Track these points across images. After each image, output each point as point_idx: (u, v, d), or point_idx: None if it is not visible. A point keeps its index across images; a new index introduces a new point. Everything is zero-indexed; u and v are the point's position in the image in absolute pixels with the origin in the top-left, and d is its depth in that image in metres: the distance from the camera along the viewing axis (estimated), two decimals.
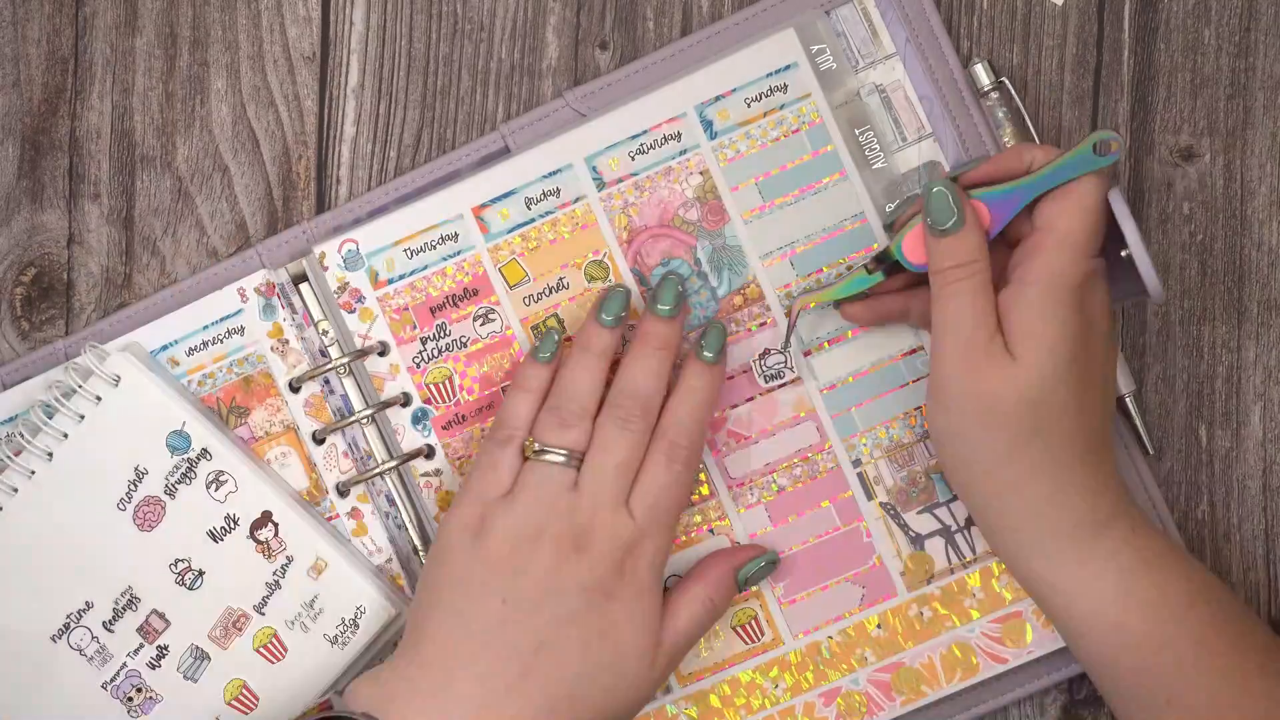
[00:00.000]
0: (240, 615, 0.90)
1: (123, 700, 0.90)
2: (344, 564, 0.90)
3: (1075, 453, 0.81)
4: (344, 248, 0.91)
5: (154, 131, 0.94)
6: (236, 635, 0.90)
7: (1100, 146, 0.81)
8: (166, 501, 0.90)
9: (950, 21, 0.91)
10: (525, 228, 0.90)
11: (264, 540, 0.90)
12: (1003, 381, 0.80)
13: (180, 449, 0.90)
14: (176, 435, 0.90)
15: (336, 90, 0.94)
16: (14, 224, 0.94)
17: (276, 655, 0.90)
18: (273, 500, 0.90)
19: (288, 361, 0.91)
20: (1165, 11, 0.91)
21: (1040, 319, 0.80)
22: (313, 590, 0.90)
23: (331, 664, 0.90)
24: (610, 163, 0.90)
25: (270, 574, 0.90)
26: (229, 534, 0.90)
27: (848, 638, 0.90)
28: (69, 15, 0.94)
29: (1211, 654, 0.80)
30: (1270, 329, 0.91)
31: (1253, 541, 0.91)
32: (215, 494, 0.90)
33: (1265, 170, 0.91)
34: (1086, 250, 0.81)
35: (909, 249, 0.84)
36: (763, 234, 0.90)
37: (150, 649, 0.90)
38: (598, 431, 0.85)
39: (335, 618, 0.90)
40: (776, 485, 0.90)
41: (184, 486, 0.90)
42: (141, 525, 0.90)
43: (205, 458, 0.90)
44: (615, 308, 0.87)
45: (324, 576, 0.90)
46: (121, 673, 0.90)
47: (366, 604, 0.89)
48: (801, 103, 0.89)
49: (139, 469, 0.90)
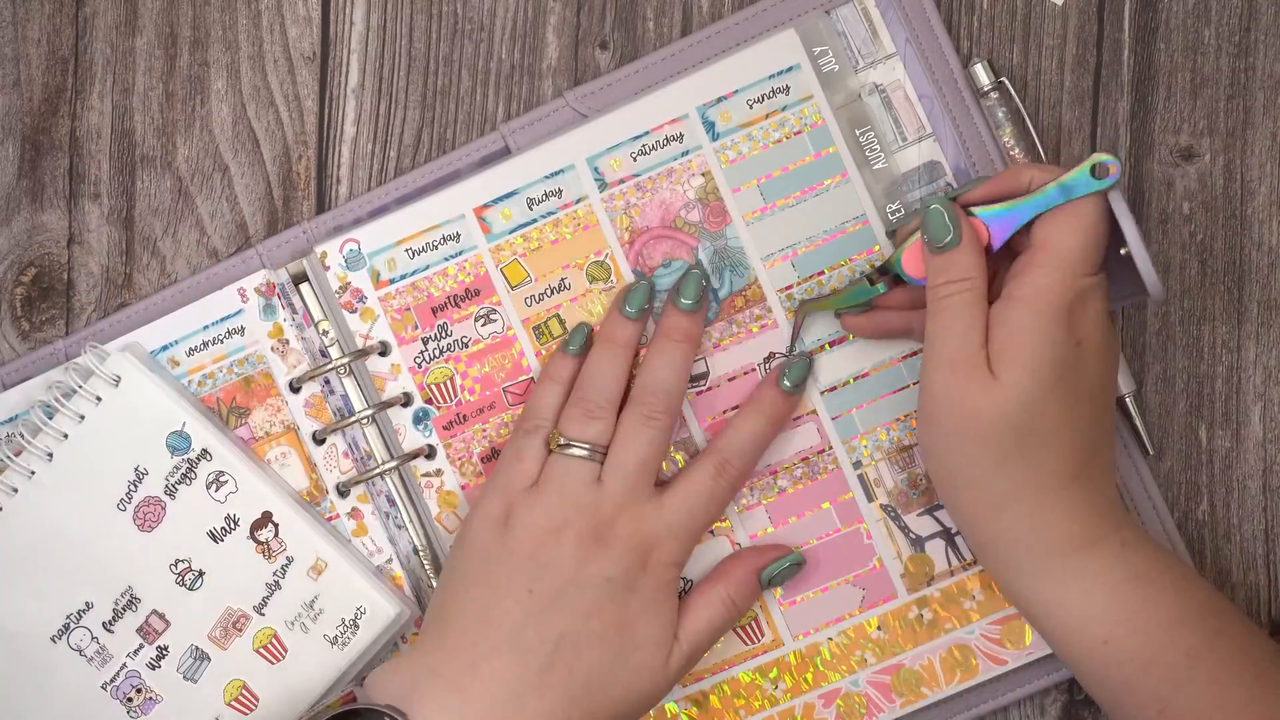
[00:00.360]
0: (240, 616, 0.90)
1: (123, 701, 0.90)
2: (344, 564, 0.90)
3: (1065, 472, 0.80)
4: (346, 247, 0.91)
5: (154, 131, 0.94)
6: (236, 636, 0.90)
7: (1098, 169, 0.81)
8: (167, 502, 0.90)
9: (950, 21, 0.91)
10: (527, 228, 0.90)
11: (264, 541, 0.90)
12: (984, 399, 0.79)
13: (180, 449, 0.90)
14: (177, 436, 0.90)
15: (336, 90, 0.94)
16: (14, 224, 0.94)
17: (276, 656, 0.90)
18: (273, 501, 0.90)
19: (288, 362, 0.91)
20: (1165, 11, 0.91)
21: (1022, 338, 0.79)
22: (313, 591, 0.90)
23: (331, 665, 0.90)
24: (612, 163, 0.90)
25: (270, 574, 0.90)
26: (229, 534, 0.90)
27: (848, 639, 0.90)
28: (69, 15, 0.94)
29: (1203, 666, 0.80)
30: (1270, 329, 0.91)
31: (1253, 541, 0.91)
32: (215, 494, 0.90)
33: (1265, 170, 0.91)
34: (1079, 269, 0.80)
35: (908, 263, 0.84)
36: (764, 235, 0.90)
37: (150, 649, 0.90)
38: (620, 426, 0.86)
39: (335, 618, 0.90)
40: (777, 487, 0.90)
41: (184, 487, 0.90)
42: (142, 525, 0.90)
43: (205, 458, 0.90)
44: (639, 300, 0.88)
45: (324, 577, 0.90)
46: (121, 673, 0.90)
47: (366, 605, 0.89)
48: (804, 104, 0.89)
49: (139, 469, 0.90)
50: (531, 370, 0.91)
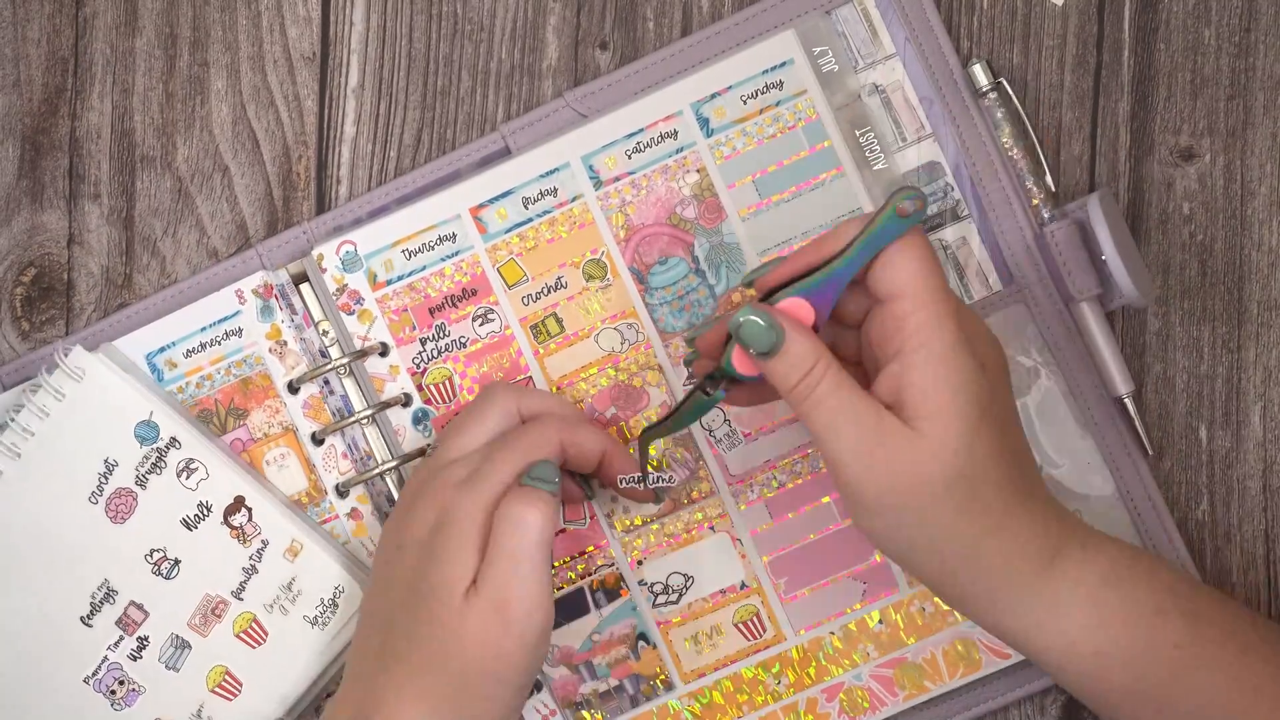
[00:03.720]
0: (219, 602, 0.90)
1: (105, 694, 0.90)
2: (317, 547, 0.90)
3: (1015, 499, 0.78)
4: (342, 249, 0.91)
5: (154, 131, 0.94)
6: (216, 622, 0.90)
7: (901, 210, 0.77)
8: (138, 492, 0.90)
9: (950, 21, 0.91)
10: (523, 227, 0.90)
11: (238, 525, 0.90)
12: (915, 461, 0.76)
13: (149, 439, 0.90)
14: (144, 425, 0.90)
15: (336, 90, 0.94)
16: (14, 224, 0.94)
17: (257, 639, 0.90)
18: (244, 485, 0.90)
19: (286, 363, 0.91)
20: (1165, 11, 0.91)
21: (939, 385, 0.76)
22: (290, 572, 0.90)
23: (313, 645, 0.90)
24: (607, 161, 0.90)
25: (246, 559, 0.90)
26: (203, 521, 0.90)
27: (849, 633, 0.90)
28: (69, 15, 0.94)
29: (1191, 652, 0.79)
30: (1270, 329, 0.90)
31: (1253, 541, 0.90)
32: (186, 482, 0.90)
33: (1265, 170, 0.91)
34: (949, 298, 0.77)
35: (740, 364, 0.79)
36: (761, 231, 0.90)
37: (130, 641, 0.90)
38: None
39: (314, 598, 0.90)
40: (777, 482, 0.90)
41: (155, 476, 0.90)
42: (114, 517, 0.90)
43: (174, 446, 0.90)
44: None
45: (300, 558, 0.90)
46: (103, 666, 0.90)
47: (344, 584, 0.89)
48: (798, 99, 0.89)
49: (108, 461, 0.90)
50: (530, 369, 0.90)
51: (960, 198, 0.90)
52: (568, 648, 0.91)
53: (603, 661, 0.91)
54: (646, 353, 0.90)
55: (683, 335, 0.89)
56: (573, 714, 0.91)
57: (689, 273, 0.90)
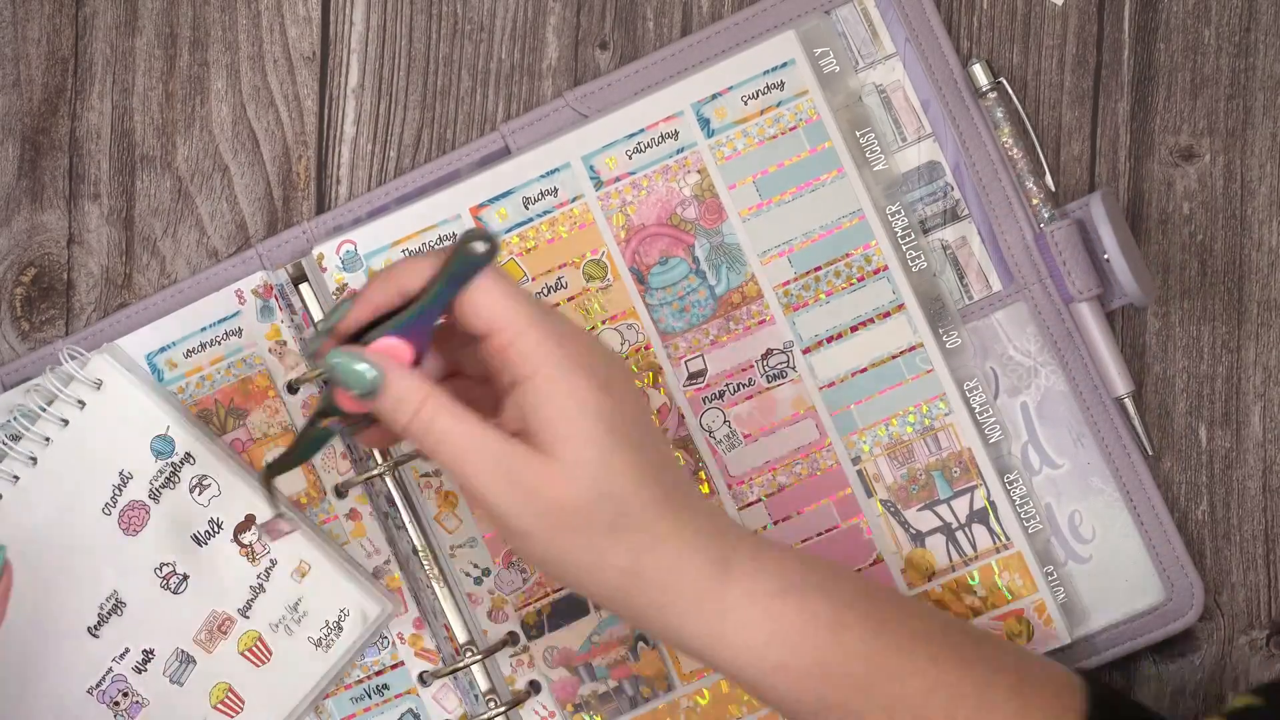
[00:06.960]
0: (225, 619, 0.90)
1: (109, 705, 0.90)
2: (327, 565, 0.89)
3: (669, 512, 0.77)
4: (342, 249, 0.91)
5: (154, 131, 0.94)
6: (221, 639, 0.90)
7: (469, 250, 0.75)
8: (151, 506, 0.90)
9: (950, 21, 0.91)
10: (523, 227, 0.90)
11: (247, 543, 0.90)
12: (553, 486, 0.75)
13: (164, 453, 0.90)
14: (161, 440, 0.90)
15: (336, 90, 0.94)
16: (14, 224, 0.94)
17: (261, 658, 0.90)
18: (256, 504, 0.90)
19: (286, 363, 0.91)
20: (1165, 11, 0.91)
21: (560, 411, 0.75)
22: (297, 593, 0.90)
23: (316, 667, 0.90)
24: (607, 161, 0.90)
25: (254, 577, 0.90)
26: (213, 538, 0.90)
27: None
28: (69, 15, 0.94)
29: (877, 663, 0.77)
30: (1270, 329, 0.91)
31: (1253, 542, 0.90)
32: (199, 498, 0.90)
33: (1265, 170, 0.91)
34: (546, 322, 0.76)
35: (344, 403, 0.78)
36: (761, 232, 0.90)
37: (136, 653, 0.90)
38: None
39: (319, 620, 0.90)
40: (776, 483, 0.90)
41: (168, 490, 0.90)
42: (126, 530, 0.90)
43: (189, 462, 0.90)
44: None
45: (308, 579, 0.90)
46: (107, 678, 0.90)
47: (350, 606, 0.89)
48: (799, 100, 0.89)
49: (124, 473, 0.90)
50: None
51: (960, 198, 0.90)
52: (567, 649, 0.91)
53: (602, 663, 0.91)
54: (646, 353, 0.90)
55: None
56: (571, 715, 0.91)
57: (689, 273, 0.90)
